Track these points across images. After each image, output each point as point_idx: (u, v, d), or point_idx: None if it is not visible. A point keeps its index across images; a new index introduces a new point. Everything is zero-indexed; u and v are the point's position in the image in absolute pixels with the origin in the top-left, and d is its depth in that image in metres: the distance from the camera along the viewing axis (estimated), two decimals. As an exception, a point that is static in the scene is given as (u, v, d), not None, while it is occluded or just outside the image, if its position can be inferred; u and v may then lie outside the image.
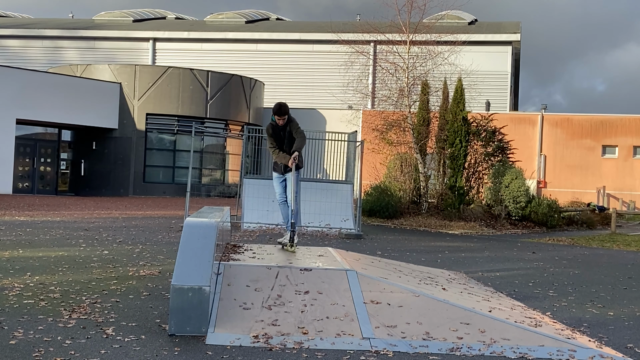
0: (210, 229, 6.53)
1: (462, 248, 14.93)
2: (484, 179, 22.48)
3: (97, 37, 40.31)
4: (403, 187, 22.02)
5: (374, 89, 25.45)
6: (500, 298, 8.31)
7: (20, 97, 26.51)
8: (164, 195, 29.10)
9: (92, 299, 7.19)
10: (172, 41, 39.74)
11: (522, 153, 25.87)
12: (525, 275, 10.88)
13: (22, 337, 5.62)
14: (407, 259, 11.75)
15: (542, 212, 20.93)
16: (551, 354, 5.76)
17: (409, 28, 22.89)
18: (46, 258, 9.92)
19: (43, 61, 38.35)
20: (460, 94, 21.81)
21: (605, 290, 9.74)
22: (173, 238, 13.32)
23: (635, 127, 31.78)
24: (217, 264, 6.92)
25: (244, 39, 39.01)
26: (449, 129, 21.62)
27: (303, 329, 6.02)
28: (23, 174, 28.27)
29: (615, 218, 21.06)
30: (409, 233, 18.14)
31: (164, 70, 30.40)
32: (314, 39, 38.03)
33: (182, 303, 5.91)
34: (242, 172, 18.16)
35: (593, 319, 7.58)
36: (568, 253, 14.80)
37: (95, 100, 28.75)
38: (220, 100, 30.87)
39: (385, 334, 6.01)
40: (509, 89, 36.57)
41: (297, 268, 7.35)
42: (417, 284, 7.79)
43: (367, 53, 25.26)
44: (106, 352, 5.34)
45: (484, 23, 40.62)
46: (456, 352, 5.74)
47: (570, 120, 32.76)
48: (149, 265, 9.75)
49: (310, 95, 37.18)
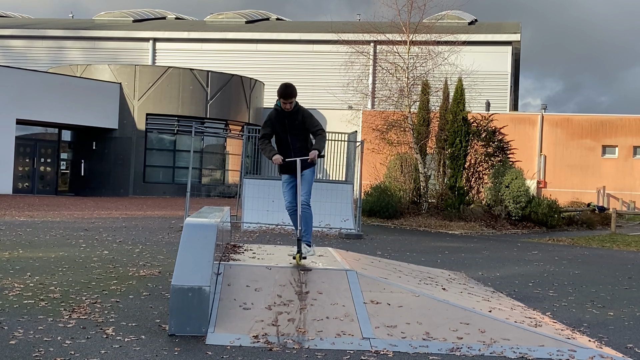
0: (210, 229, 6.53)
1: (462, 248, 14.92)
2: (484, 179, 22.49)
3: (98, 38, 40.33)
4: (403, 187, 22.02)
5: (374, 89, 25.45)
6: (500, 298, 8.31)
7: (20, 97, 26.51)
8: (164, 196, 29.10)
9: (92, 299, 7.19)
10: (172, 41, 39.75)
11: (522, 153, 25.87)
12: (525, 275, 10.87)
13: (22, 337, 5.62)
14: (407, 259, 11.75)
15: (542, 212, 20.93)
16: (551, 354, 5.75)
17: (409, 28, 22.89)
18: (46, 258, 9.92)
19: (44, 61, 38.37)
20: (460, 94, 21.81)
21: (605, 290, 9.73)
22: (173, 238, 13.32)
23: (635, 127, 31.79)
24: (217, 264, 6.92)
25: (244, 39, 39.02)
26: (449, 129, 21.63)
27: (303, 329, 6.02)
28: (23, 174, 28.27)
29: (615, 218, 21.07)
30: (409, 233, 18.13)
31: (164, 70, 30.41)
32: (314, 39, 38.06)
33: (182, 303, 5.90)
34: (242, 172, 18.16)
35: (593, 319, 7.58)
36: (568, 253, 14.79)
37: (95, 100, 28.76)
38: (220, 100, 30.87)
39: (385, 334, 6.01)
40: (509, 89, 36.58)
41: (297, 268, 7.35)
42: (417, 284, 7.79)
43: (367, 53, 25.25)
44: (106, 352, 5.34)
45: (484, 23, 40.63)
46: (456, 352, 5.74)
47: (570, 120, 32.76)
48: (149, 265, 9.74)
49: (310, 95, 37.16)
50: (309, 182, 7.47)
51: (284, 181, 7.62)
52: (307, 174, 7.49)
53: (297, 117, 7.42)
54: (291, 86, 7.40)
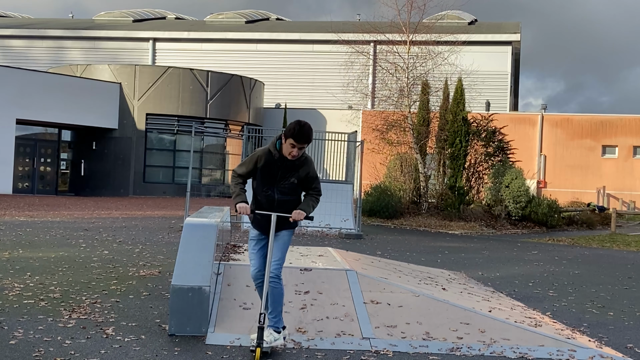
0: (210, 229, 6.53)
1: (462, 248, 14.93)
2: (484, 179, 22.49)
3: (98, 37, 40.34)
4: (403, 187, 22.02)
5: (374, 89, 25.46)
6: (500, 298, 8.31)
7: (20, 97, 26.51)
8: (164, 195, 29.10)
9: (92, 299, 7.19)
10: (172, 41, 39.75)
11: (522, 153, 25.87)
12: (525, 275, 10.87)
13: (22, 337, 5.62)
14: (407, 259, 11.75)
15: (542, 212, 20.94)
16: (551, 354, 5.76)
17: (409, 28, 22.90)
18: (46, 258, 9.92)
19: (44, 61, 38.37)
20: (460, 94, 21.82)
21: (605, 290, 9.74)
22: (173, 238, 13.32)
23: (635, 127, 31.79)
24: (217, 264, 6.92)
25: (244, 39, 39.02)
26: (449, 129, 21.63)
27: (303, 329, 6.02)
28: (23, 174, 28.27)
29: (615, 218, 21.07)
30: (409, 233, 18.13)
31: (164, 70, 30.40)
32: (314, 39, 38.05)
33: (182, 303, 5.91)
34: (242, 172, 18.12)
35: (593, 319, 7.58)
36: (568, 253, 14.80)
37: (95, 100, 28.75)
38: (220, 100, 30.87)
39: (385, 334, 6.01)
40: (509, 89, 36.57)
41: (297, 268, 7.35)
42: (417, 284, 7.79)
43: (367, 53, 25.26)
44: (106, 352, 5.34)
45: (484, 23, 40.63)
46: (456, 352, 5.74)
47: (570, 120, 32.76)
48: (149, 265, 9.74)
49: (310, 95, 37.21)
50: (284, 246, 5.60)
51: (253, 238, 5.71)
52: (284, 236, 5.60)
53: (297, 172, 5.48)
54: (309, 128, 5.30)
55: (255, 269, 5.62)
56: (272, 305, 5.51)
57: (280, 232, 5.55)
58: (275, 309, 5.54)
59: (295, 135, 5.22)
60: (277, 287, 5.50)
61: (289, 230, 5.64)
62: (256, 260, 5.63)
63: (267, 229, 5.52)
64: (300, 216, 5.44)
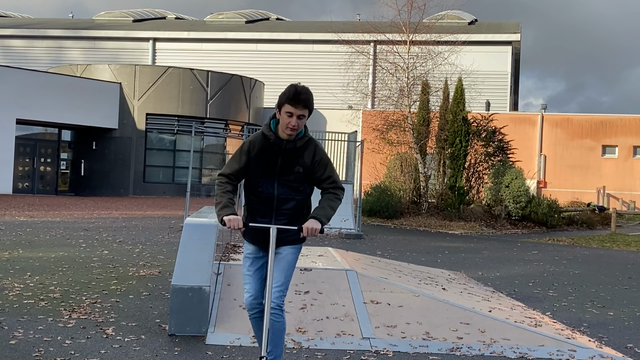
0: (210, 229, 6.53)
1: (462, 248, 14.93)
2: (484, 179, 22.49)
3: (98, 37, 40.32)
4: (403, 187, 22.02)
5: (374, 89, 25.46)
6: (500, 298, 8.31)
7: (20, 97, 26.50)
8: (164, 195, 29.10)
9: (92, 299, 7.19)
10: (172, 41, 39.74)
11: (522, 153, 25.87)
12: (525, 275, 10.87)
13: (22, 337, 5.62)
14: (407, 259, 11.75)
15: (542, 212, 20.94)
16: (551, 354, 5.76)
17: (409, 28, 22.90)
18: (46, 258, 9.92)
19: (44, 61, 38.35)
20: (460, 94, 21.82)
21: (605, 290, 9.73)
22: (173, 238, 13.32)
23: (635, 127, 31.78)
24: (217, 264, 6.92)
25: (244, 39, 39.02)
26: (449, 129, 21.63)
27: (303, 329, 6.02)
28: (23, 174, 28.27)
29: (615, 218, 21.07)
30: (409, 233, 18.13)
31: (164, 70, 30.40)
32: (314, 39, 38.05)
33: (182, 303, 5.91)
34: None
35: (593, 319, 7.58)
36: (568, 253, 14.80)
37: (95, 100, 28.75)
38: (220, 100, 30.87)
39: (385, 334, 6.01)
40: (509, 88, 36.57)
41: (297, 268, 7.34)
42: (417, 284, 7.79)
43: (367, 53, 25.26)
44: (106, 352, 5.34)
45: (484, 23, 40.64)
46: (456, 352, 5.74)
47: (570, 120, 32.75)
48: (149, 265, 9.74)
49: (310, 95, 37.14)
50: (289, 269, 4.34)
51: (248, 255, 4.42)
52: (288, 254, 4.33)
53: (302, 157, 4.26)
54: (307, 89, 4.16)
55: (251, 296, 4.35)
56: (272, 343, 4.28)
57: (282, 249, 4.29)
58: (275, 348, 4.34)
59: (292, 97, 4.06)
60: (279, 322, 4.31)
61: (294, 246, 4.34)
62: (252, 285, 4.35)
63: (265, 244, 4.24)
64: (314, 232, 4.13)
